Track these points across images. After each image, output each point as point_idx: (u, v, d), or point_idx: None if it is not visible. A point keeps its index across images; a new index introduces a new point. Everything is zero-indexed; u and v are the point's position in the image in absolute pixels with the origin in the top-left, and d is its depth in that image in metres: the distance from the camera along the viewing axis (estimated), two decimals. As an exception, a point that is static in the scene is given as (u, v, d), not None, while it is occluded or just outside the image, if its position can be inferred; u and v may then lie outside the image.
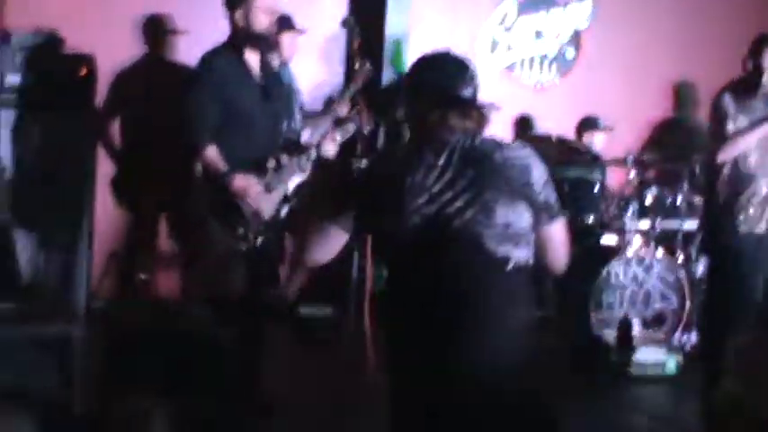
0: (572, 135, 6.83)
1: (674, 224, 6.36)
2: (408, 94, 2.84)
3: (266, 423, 4.29)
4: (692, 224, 6.25)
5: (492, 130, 2.85)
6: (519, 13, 7.11)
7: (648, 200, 6.34)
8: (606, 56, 7.28)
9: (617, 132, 6.88)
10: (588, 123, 6.76)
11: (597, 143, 6.72)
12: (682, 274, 6.15)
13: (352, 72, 5.39)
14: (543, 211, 2.74)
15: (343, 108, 5.43)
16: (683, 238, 6.36)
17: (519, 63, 7.20)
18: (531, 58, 7.21)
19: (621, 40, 7.29)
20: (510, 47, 7.13)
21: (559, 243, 2.82)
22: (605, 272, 6.01)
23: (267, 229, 4.45)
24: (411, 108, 2.82)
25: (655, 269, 6.14)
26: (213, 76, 4.41)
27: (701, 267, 6.15)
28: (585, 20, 7.26)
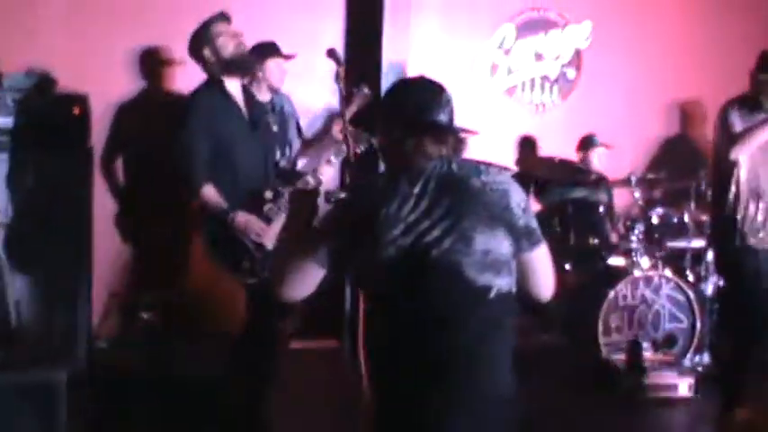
0: (574, 156, 6.79)
1: (681, 243, 6.29)
2: (382, 120, 2.76)
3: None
4: (699, 243, 6.17)
5: (494, 153, 2.78)
6: (517, 36, 7.08)
7: (655, 219, 6.28)
8: (606, 76, 7.23)
9: (620, 151, 6.84)
10: (586, 141, 6.80)
11: (596, 160, 6.69)
12: (691, 293, 6.05)
13: (348, 97, 5.37)
14: (524, 236, 2.65)
15: (337, 132, 5.40)
16: (691, 257, 6.28)
17: (519, 85, 7.15)
18: (532, 79, 7.16)
19: (622, 60, 7.24)
20: (510, 69, 7.09)
21: (542, 269, 2.73)
22: (612, 294, 5.92)
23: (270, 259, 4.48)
24: (385, 135, 2.75)
25: (663, 290, 6.05)
26: (200, 113, 4.51)
27: (710, 286, 6.04)
28: (585, 40, 7.22)
